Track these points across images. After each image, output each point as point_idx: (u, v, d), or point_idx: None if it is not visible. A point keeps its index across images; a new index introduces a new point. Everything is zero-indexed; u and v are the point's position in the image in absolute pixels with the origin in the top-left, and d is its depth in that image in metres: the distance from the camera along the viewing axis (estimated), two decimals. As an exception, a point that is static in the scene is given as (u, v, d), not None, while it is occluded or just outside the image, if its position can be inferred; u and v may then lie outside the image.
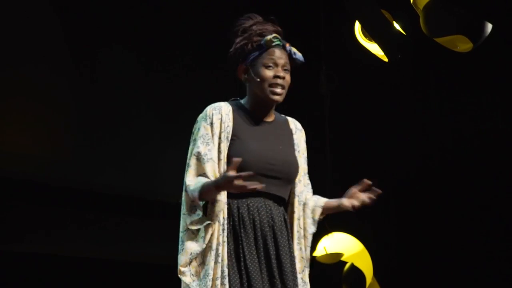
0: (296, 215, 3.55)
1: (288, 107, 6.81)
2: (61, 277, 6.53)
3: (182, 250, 3.38)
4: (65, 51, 6.07)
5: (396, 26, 5.66)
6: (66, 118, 6.06)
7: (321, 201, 3.65)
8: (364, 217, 6.67)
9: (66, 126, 6.07)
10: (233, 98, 3.62)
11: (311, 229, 3.60)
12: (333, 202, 3.64)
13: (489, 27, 5.25)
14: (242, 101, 3.60)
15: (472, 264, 6.46)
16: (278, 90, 3.52)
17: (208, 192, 3.30)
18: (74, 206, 6.30)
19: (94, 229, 6.42)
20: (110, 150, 6.23)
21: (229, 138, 3.46)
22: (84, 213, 6.37)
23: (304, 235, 3.59)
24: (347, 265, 5.98)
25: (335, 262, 5.96)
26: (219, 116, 3.48)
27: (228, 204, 3.42)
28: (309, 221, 3.60)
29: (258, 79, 3.51)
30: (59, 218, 6.27)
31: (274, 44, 3.55)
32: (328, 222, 6.18)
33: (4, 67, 5.79)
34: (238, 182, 3.22)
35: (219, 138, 3.45)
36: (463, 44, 5.33)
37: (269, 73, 3.51)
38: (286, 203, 3.57)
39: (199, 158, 3.40)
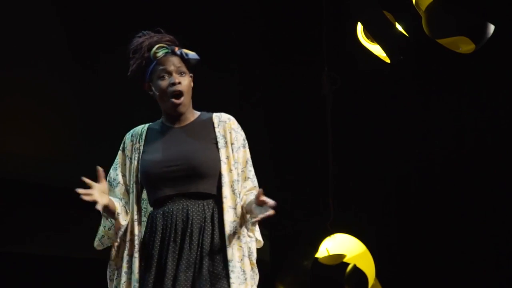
0: (227, 205, 3.49)
1: (290, 108, 6.83)
2: (63, 278, 6.52)
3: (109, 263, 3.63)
4: (66, 51, 6.06)
5: (398, 27, 5.65)
6: (67, 119, 6.05)
7: (248, 201, 3.58)
8: (367, 218, 6.67)
9: (67, 127, 6.06)
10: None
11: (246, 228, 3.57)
12: (249, 204, 3.56)
13: (491, 28, 5.24)
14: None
15: (475, 266, 6.45)
16: (177, 98, 3.56)
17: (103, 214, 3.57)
18: (77, 207, 6.28)
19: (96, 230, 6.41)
20: (111, 151, 6.22)
21: (140, 157, 3.58)
22: (87, 213, 6.35)
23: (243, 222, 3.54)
24: (350, 267, 5.97)
25: (338, 264, 5.96)
26: (131, 139, 3.66)
27: (150, 215, 3.54)
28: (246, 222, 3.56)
29: (158, 93, 3.58)
30: (62, 219, 6.26)
31: (159, 53, 3.57)
32: (330, 224, 6.19)
33: (4, 68, 5.77)
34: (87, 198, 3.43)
35: (130, 159, 3.63)
36: (465, 45, 5.33)
37: (163, 83, 3.56)
38: (217, 195, 3.54)
39: (110, 183, 3.63)
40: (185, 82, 3.57)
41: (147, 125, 3.69)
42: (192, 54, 3.60)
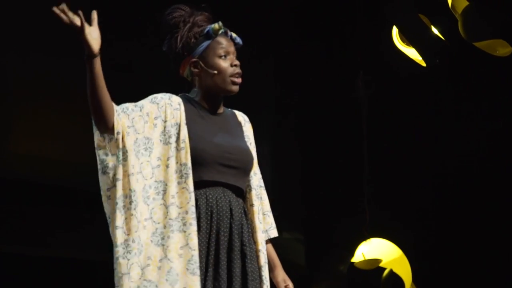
0: (255, 209, 3.42)
1: (325, 112, 6.82)
2: (73, 280, 6.53)
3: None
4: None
5: (434, 30, 5.63)
6: (82, 120, 6.01)
7: (271, 233, 3.55)
8: (403, 223, 6.65)
9: (83, 129, 6.02)
10: (181, 94, 3.48)
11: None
12: (273, 259, 3.53)
13: (529, 30, 5.22)
14: (189, 95, 3.46)
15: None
16: (239, 79, 3.41)
17: (88, 74, 3.13)
18: (93, 208, 6.31)
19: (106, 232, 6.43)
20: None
21: (180, 128, 3.30)
22: (98, 215, 6.38)
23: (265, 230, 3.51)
24: (386, 271, 5.95)
25: (374, 268, 5.94)
26: (169, 102, 3.34)
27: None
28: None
29: (215, 71, 3.38)
30: (77, 220, 6.29)
31: (221, 32, 3.42)
32: (366, 228, 6.17)
33: (25, 68, 5.77)
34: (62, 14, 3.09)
35: (164, 121, 3.30)
36: (502, 48, 5.30)
37: (225, 63, 3.39)
38: (244, 195, 3.45)
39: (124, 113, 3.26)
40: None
41: (177, 97, 3.41)
42: (239, 39, 3.48)
